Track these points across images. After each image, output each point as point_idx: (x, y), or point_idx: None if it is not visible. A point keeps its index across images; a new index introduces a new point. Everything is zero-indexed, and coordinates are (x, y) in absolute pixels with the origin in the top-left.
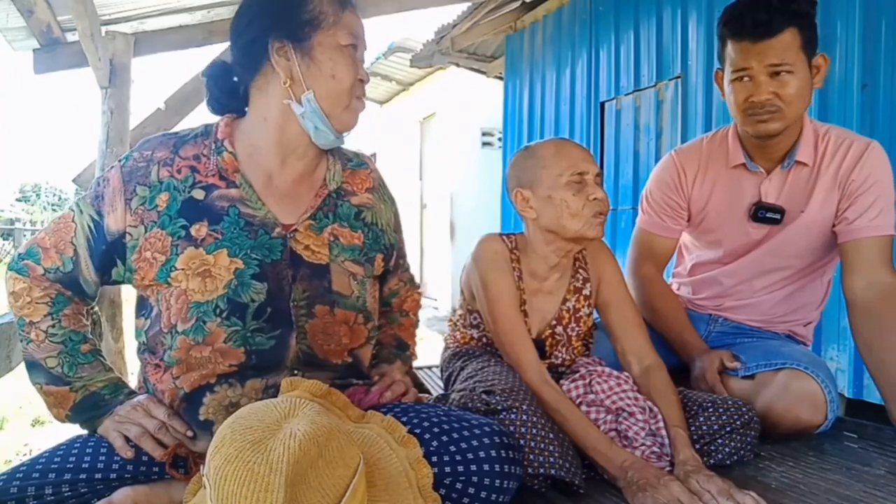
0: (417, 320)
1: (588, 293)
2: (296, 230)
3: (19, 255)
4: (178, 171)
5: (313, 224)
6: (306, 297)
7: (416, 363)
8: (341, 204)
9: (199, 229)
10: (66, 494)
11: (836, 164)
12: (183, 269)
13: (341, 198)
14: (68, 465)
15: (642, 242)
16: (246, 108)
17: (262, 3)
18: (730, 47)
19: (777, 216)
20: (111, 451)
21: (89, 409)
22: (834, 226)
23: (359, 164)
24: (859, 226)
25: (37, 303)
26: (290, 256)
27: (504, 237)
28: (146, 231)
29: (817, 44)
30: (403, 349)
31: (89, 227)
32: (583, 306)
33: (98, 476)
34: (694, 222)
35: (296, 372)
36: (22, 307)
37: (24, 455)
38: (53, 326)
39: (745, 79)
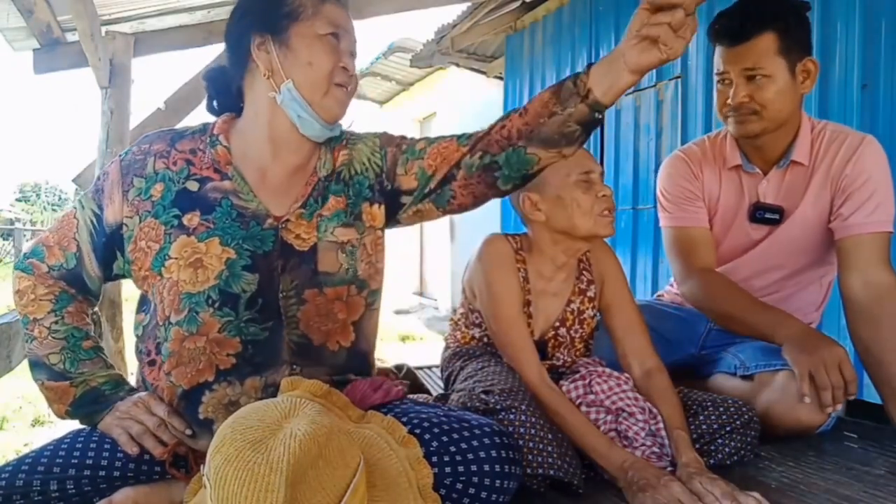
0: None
1: (592, 295)
2: (287, 220)
3: (24, 254)
4: (174, 163)
5: (304, 212)
6: (294, 287)
7: (415, 363)
8: (328, 185)
9: (192, 219)
10: (70, 491)
11: (829, 159)
12: (175, 259)
13: (328, 181)
14: (72, 461)
15: (679, 242)
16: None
17: (246, 2)
18: (715, 52)
19: (776, 216)
20: (114, 448)
21: (89, 405)
22: (829, 223)
23: (338, 139)
24: (855, 222)
25: (41, 300)
26: (282, 247)
27: (509, 237)
28: (140, 221)
29: (806, 48)
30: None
31: (91, 221)
32: (587, 308)
33: (102, 473)
34: None
35: (294, 367)
36: (26, 305)
37: None
38: (56, 323)
39: (726, 82)
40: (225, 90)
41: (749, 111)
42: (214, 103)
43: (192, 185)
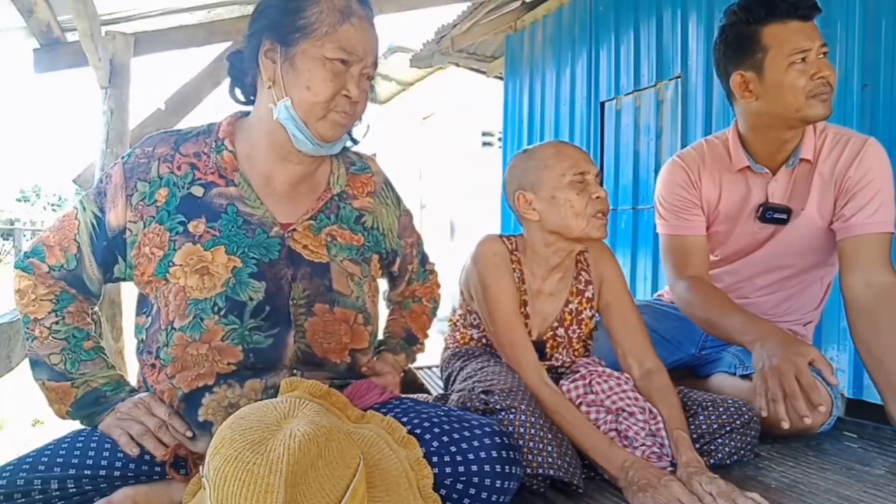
0: (433, 307)
1: (590, 295)
2: (294, 229)
3: (25, 253)
4: (178, 168)
5: (313, 224)
6: (306, 296)
7: (416, 364)
8: (343, 206)
9: (197, 226)
10: (70, 490)
11: (832, 161)
12: (181, 266)
13: (343, 200)
14: (73, 461)
15: (673, 249)
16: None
17: (269, 2)
18: (773, 33)
19: (784, 216)
20: (114, 448)
21: (90, 405)
22: (831, 223)
23: (361, 167)
24: (856, 222)
25: (41, 300)
26: (290, 255)
27: (504, 238)
28: (145, 226)
29: None
30: (412, 342)
31: (92, 223)
32: (585, 308)
33: (102, 473)
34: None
35: (295, 371)
36: (27, 304)
37: None
38: (57, 323)
39: (801, 61)
40: (242, 81)
41: (829, 90)
42: (236, 91)
43: (197, 191)
